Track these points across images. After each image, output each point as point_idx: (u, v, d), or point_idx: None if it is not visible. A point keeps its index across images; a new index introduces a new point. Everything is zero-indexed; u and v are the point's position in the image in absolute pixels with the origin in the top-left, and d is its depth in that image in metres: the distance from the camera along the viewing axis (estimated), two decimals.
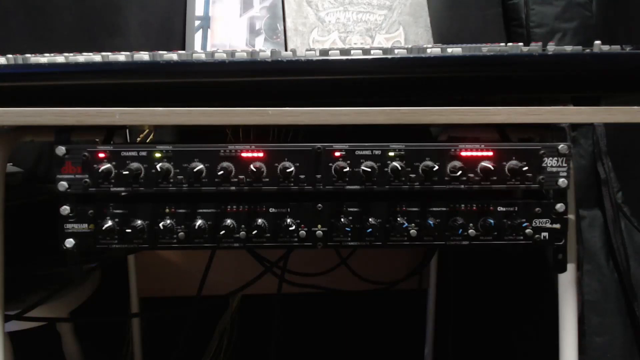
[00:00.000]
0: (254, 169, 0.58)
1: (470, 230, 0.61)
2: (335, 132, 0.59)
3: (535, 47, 0.62)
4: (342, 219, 0.61)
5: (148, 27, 1.14)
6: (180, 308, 1.22)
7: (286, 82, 0.60)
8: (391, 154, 0.60)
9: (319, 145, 0.59)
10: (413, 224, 0.61)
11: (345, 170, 0.59)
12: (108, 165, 0.58)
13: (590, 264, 1.06)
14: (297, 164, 0.59)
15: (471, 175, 0.60)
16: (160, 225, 0.60)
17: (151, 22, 1.14)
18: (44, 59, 0.61)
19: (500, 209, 0.62)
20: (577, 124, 1.08)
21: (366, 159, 0.60)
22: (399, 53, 0.61)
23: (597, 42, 0.61)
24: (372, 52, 0.60)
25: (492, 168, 0.59)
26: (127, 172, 0.58)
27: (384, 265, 1.28)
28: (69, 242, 0.60)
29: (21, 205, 0.79)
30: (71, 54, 0.61)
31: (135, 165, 0.58)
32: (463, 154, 0.60)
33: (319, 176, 0.60)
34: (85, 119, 0.57)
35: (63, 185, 0.58)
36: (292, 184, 0.60)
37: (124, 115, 0.57)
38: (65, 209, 0.59)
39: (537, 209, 0.62)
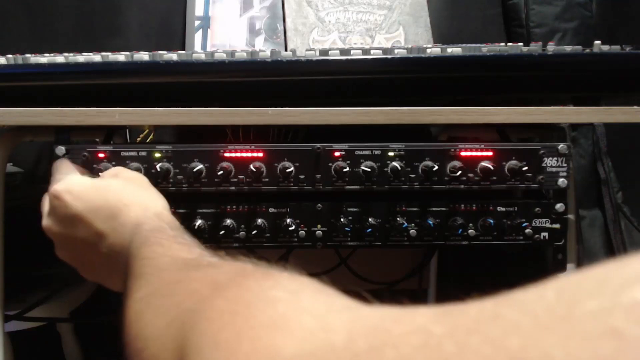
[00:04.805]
0: (254, 169, 0.58)
1: (470, 230, 0.61)
2: (335, 132, 0.59)
3: (535, 47, 0.62)
4: (342, 219, 0.61)
5: (148, 27, 1.14)
6: None
7: (286, 82, 0.60)
8: (391, 154, 0.60)
9: (318, 145, 0.59)
10: (413, 224, 0.61)
11: (345, 170, 0.59)
12: (108, 165, 0.58)
13: (590, 264, 1.06)
14: (297, 164, 0.59)
15: (471, 175, 0.60)
16: None
17: (151, 22, 1.14)
18: (44, 59, 0.61)
19: (500, 209, 0.62)
20: (577, 124, 1.08)
21: (366, 159, 0.60)
22: (399, 53, 0.61)
23: (597, 42, 0.61)
24: (372, 52, 0.60)
25: (492, 168, 0.59)
26: None
27: (384, 265, 1.28)
28: None
29: (21, 205, 0.79)
30: (71, 54, 0.61)
31: (135, 165, 0.58)
32: (463, 154, 0.60)
33: (318, 176, 0.60)
34: (85, 119, 0.57)
35: None
36: (291, 184, 0.60)
37: (123, 115, 0.57)
38: None
39: (536, 209, 0.62)
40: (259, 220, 0.61)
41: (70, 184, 0.49)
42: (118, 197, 0.47)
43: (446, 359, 0.15)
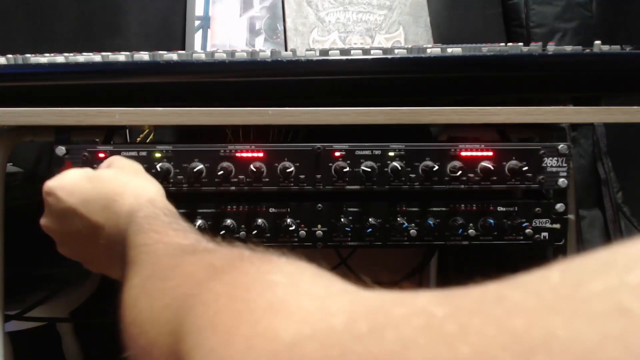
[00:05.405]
0: (254, 169, 0.58)
1: (470, 230, 0.61)
2: (335, 132, 0.59)
3: (535, 47, 0.62)
4: (342, 219, 0.61)
5: (148, 27, 1.14)
6: None
7: (286, 82, 0.60)
8: (391, 154, 0.60)
9: (318, 145, 0.59)
10: (413, 224, 0.61)
11: (345, 170, 0.59)
12: None
13: None
14: (297, 164, 0.59)
15: (471, 175, 0.60)
16: None
17: (151, 22, 1.14)
18: (44, 59, 0.61)
19: (500, 209, 0.62)
20: (577, 124, 1.08)
21: (366, 159, 0.60)
22: (399, 53, 0.61)
23: (597, 42, 0.61)
24: (372, 52, 0.60)
25: (492, 168, 0.59)
26: None
27: (384, 265, 1.28)
28: None
29: (21, 205, 0.79)
30: (71, 54, 0.61)
31: None
32: (463, 154, 0.60)
33: (318, 176, 0.60)
34: (85, 119, 0.57)
35: None
36: (292, 184, 0.60)
37: (124, 115, 0.57)
38: None
39: (537, 209, 0.62)
40: (259, 220, 0.61)
41: (62, 179, 0.49)
42: (110, 187, 0.47)
43: (448, 339, 0.15)
